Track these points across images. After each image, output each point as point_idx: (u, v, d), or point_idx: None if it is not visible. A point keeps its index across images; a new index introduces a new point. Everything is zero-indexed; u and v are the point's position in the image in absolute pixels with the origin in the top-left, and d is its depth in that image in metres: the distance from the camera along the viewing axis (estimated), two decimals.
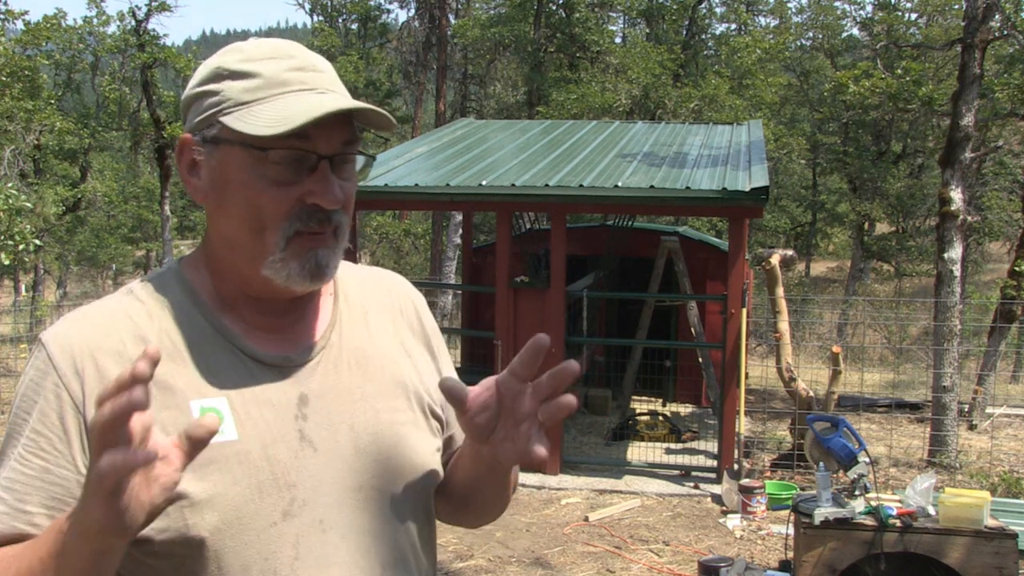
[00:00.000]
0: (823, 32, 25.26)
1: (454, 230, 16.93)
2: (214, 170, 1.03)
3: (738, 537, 5.68)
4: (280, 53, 1.04)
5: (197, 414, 0.99)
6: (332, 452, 1.06)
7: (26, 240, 8.63)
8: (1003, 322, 9.34)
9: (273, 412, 1.04)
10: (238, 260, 1.05)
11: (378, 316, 1.19)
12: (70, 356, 1.00)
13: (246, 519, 0.99)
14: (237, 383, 1.03)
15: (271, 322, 1.08)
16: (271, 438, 1.02)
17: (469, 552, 5.36)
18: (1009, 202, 18.57)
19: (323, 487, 1.04)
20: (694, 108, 18.01)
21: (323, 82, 1.05)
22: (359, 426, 1.09)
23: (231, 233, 1.04)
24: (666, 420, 8.27)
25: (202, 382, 1.02)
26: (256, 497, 1.00)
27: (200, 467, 0.97)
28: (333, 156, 1.02)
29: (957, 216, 7.38)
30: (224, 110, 1.01)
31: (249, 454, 1.01)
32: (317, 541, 1.03)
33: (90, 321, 1.04)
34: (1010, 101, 10.53)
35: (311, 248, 1.03)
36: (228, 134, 1.01)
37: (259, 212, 1.01)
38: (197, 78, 1.06)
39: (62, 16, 19.29)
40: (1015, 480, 6.58)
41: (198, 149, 1.04)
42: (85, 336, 1.01)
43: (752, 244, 19.70)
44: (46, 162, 20.14)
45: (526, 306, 6.95)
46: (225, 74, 1.03)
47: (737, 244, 6.73)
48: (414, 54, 23.75)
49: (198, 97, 1.04)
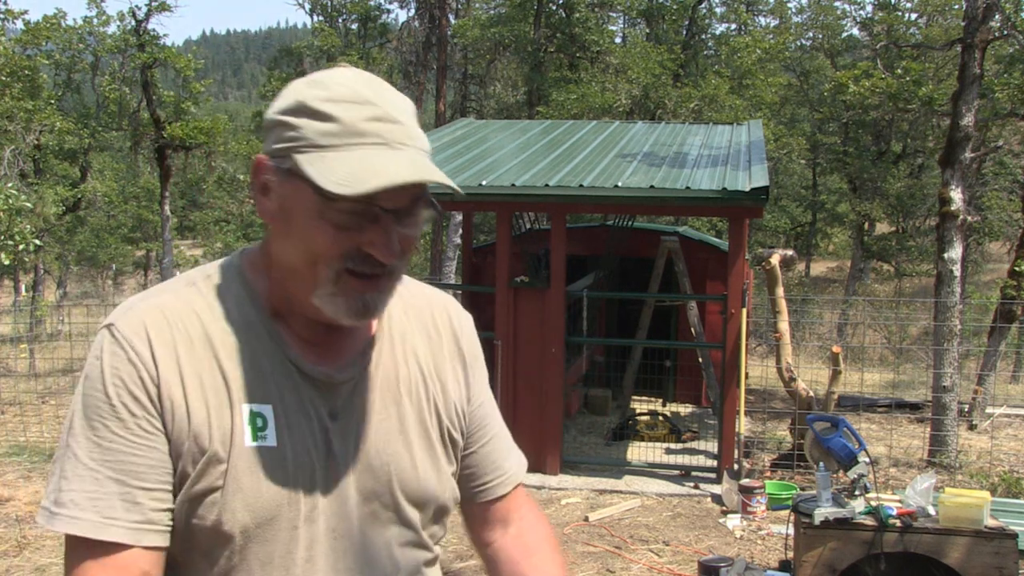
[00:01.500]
0: (823, 32, 25.25)
1: (454, 230, 16.93)
2: (283, 199, 1.06)
3: (738, 537, 5.68)
4: (360, 98, 1.04)
5: (247, 416, 1.07)
6: (350, 467, 1.12)
7: (26, 240, 8.62)
8: (1003, 322, 9.34)
9: (307, 423, 1.10)
10: (291, 283, 1.09)
11: (417, 338, 1.23)
12: (147, 344, 1.04)
13: (274, 520, 1.07)
14: (283, 391, 1.10)
15: (318, 337, 1.13)
16: (304, 448, 1.09)
17: (469, 552, 5.36)
18: (1009, 202, 18.56)
19: (339, 499, 1.11)
20: (694, 108, 18.01)
21: (400, 136, 1.04)
22: (378, 446, 1.15)
23: (288, 259, 1.07)
24: (666, 420, 8.27)
25: (254, 386, 1.08)
26: (285, 501, 1.07)
27: (240, 467, 1.05)
28: (398, 210, 1.04)
29: (957, 216, 7.38)
30: (300, 148, 1.03)
31: (284, 461, 1.07)
32: (328, 547, 1.10)
33: (159, 311, 1.08)
34: (1010, 101, 10.53)
35: (359, 291, 1.06)
36: (300, 172, 1.02)
37: (314, 247, 1.04)
38: (281, 104, 1.07)
39: (62, 16, 19.27)
40: (1015, 480, 6.58)
41: (271, 174, 1.06)
42: (157, 325, 1.06)
43: (752, 244, 19.70)
44: (46, 162, 20.12)
45: (526, 306, 6.95)
46: (306, 111, 1.03)
47: (737, 244, 6.73)
48: (414, 54, 23.74)
49: (278, 125, 1.06)
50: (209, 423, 1.04)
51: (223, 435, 1.05)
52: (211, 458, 1.04)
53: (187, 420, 1.04)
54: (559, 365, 6.89)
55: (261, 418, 1.07)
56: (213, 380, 1.06)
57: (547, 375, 6.88)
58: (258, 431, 1.06)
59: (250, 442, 1.05)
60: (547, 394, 6.88)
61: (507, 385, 6.95)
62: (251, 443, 1.05)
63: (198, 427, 1.04)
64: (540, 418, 6.89)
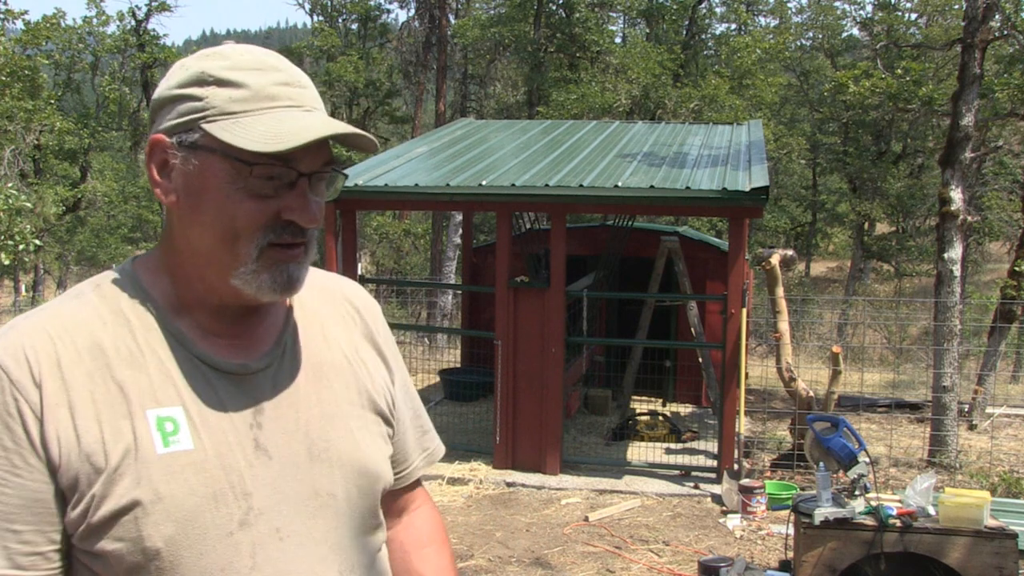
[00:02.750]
0: (823, 32, 25.26)
1: (454, 230, 16.93)
2: (189, 176, 1.01)
3: (738, 537, 5.68)
4: (266, 65, 1.03)
5: (154, 424, 0.99)
6: (287, 460, 1.06)
7: (26, 240, 8.62)
8: (1003, 322, 9.33)
9: (229, 421, 1.03)
10: (206, 268, 1.04)
11: (332, 322, 1.20)
12: (26, 367, 0.96)
13: (202, 529, 0.98)
14: (194, 391, 1.02)
15: (227, 328, 1.08)
16: (227, 447, 1.02)
17: (469, 552, 5.36)
18: (1009, 202, 18.56)
19: (279, 495, 1.04)
20: (694, 108, 18.01)
21: (308, 99, 1.05)
22: (314, 433, 1.09)
23: (202, 241, 1.02)
24: (666, 420, 8.27)
25: (159, 390, 1.01)
26: (212, 507, 0.99)
27: (155, 477, 0.97)
28: (312, 174, 1.03)
29: (957, 216, 7.38)
30: (208, 118, 1.00)
31: (204, 463, 1.00)
32: (274, 550, 1.03)
33: (41, 328, 1.00)
34: (1010, 101, 10.53)
35: (283, 262, 1.03)
36: (210, 142, 0.99)
37: (233, 223, 1.00)
38: (176, 79, 1.03)
39: (62, 16, 19.28)
40: (1015, 480, 6.57)
41: (172, 152, 1.01)
42: (37, 345, 0.98)
43: (752, 244, 19.69)
44: (46, 162, 20.14)
45: (526, 306, 6.95)
46: (210, 80, 1.01)
47: (737, 244, 6.73)
48: (414, 54, 23.73)
49: (177, 99, 1.02)
50: (103, 439, 0.96)
51: (124, 448, 0.96)
52: (110, 476, 0.96)
53: (76, 443, 0.96)
54: (559, 365, 6.89)
55: (171, 422, 0.99)
56: (107, 392, 0.98)
57: (547, 375, 6.88)
58: (168, 436, 0.99)
59: (161, 449, 0.98)
60: (547, 394, 6.88)
61: (507, 385, 6.95)
62: (163, 450, 0.98)
63: (90, 446, 0.96)
64: (540, 418, 6.89)
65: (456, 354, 11.20)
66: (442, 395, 9.76)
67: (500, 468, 6.95)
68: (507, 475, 6.84)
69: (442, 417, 8.64)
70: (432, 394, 9.84)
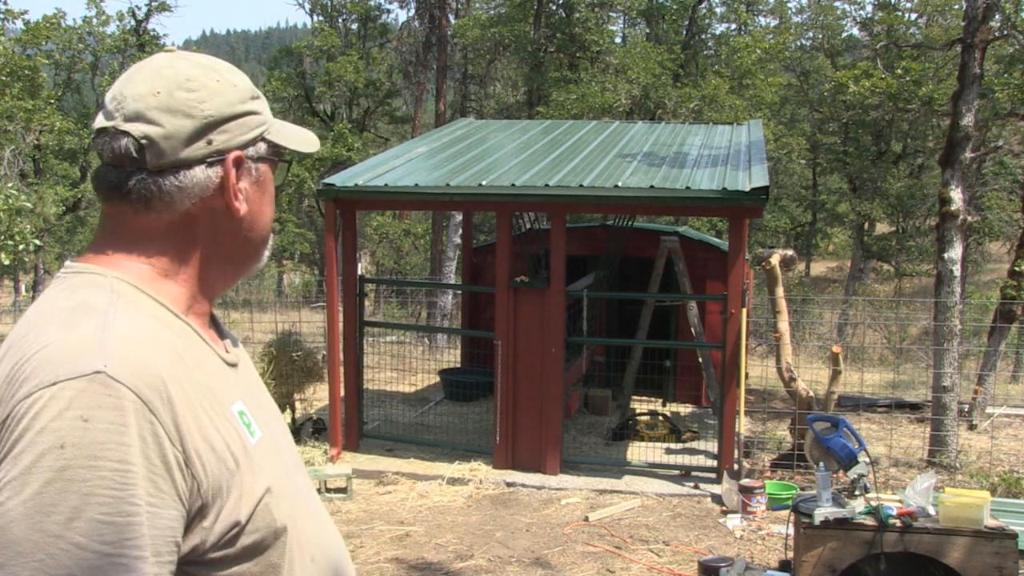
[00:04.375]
0: (823, 32, 25.24)
1: (454, 230, 16.92)
2: (256, 184, 1.11)
3: (738, 537, 5.68)
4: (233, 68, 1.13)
5: (239, 419, 1.05)
6: (277, 430, 1.17)
7: (26, 240, 8.61)
8: (1003, 322, 9.34)
9: (254, 403, 1.12)
10: (236, 267, 1.14)
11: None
12: (154, 386, 0.91)
13: (292, 499, 1.09)
14: (233, 383, 1.10)
15: (207, 324, 1.15)
16: (265, 426, 1.11)
17: (469, 552, 5.36)
18: (1009, 202, 18.56)
19: (285, 457, 1.15)
20: (694, 108, 18.01)
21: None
22: (270, 404, 1.21)
23: (248, 244, 1.13)
24: (666, 420, 8.27)
25: (226, 387, 1.06)
26: (287, 480, 1.10)
27: (263, 465, 1.04)
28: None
29: (957, 216, 7.38)
30: (268, 128, 1.12)
31: (271, 446, 1.10)
32: (306, 500, 1.16)
33: (143, 343, 0.94)
34: (1010, 101, 10.53)
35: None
36: (271, 150, 1.12)
37: (270, 220, 1.16)
38: (238, 95, 1.08)
39: (62, 16, 19.27)
40: (1015, 480, 6.58)
41: (248, 165, 1.10)
42: (150, 358, 0.93)
43: (752, 244, 19.69)
44: (46, 162, 20.14)
45: (526, 306, 6.95)
46: (256, 95, 1.11)
47: (737, 244, 6.73)
48: (414, 54, 23.71)
49: (242, 115, 1.08)
50: (226, 442, 0.98)
51: (238, 446, 1.00)
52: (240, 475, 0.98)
53: (212, 452, 0.95)
54: (559, 365, 6.89)
55: (244, 415, 1.06)
56: (205, 396, 0.98)
57: (547, 375, 6.88)
58: (250, 427, 1.05)
59: (251, 440, 1.04)
60: (547, 394, 6.88)
61: (507, 385, 6.95)
62: (252, 440, 1.04)
63: (221, 451, 0.96)
64: (540, 418, 6.89)
65: (456, 354, 11.20)
66: (442, 395, 9.76)
67: (500, 468, 6.95)
68: (507, 475, 6.84)
69: (442, 417, 8.65)
70: (432, 394, 9.84)
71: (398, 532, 5.72)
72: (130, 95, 1.02)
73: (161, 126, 1.01)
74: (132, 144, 1.00)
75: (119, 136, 1.01)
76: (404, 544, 5.51)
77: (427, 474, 6.84)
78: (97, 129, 1.03)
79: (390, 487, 6.66)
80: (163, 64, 1.05)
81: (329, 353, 7.45)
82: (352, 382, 7.56)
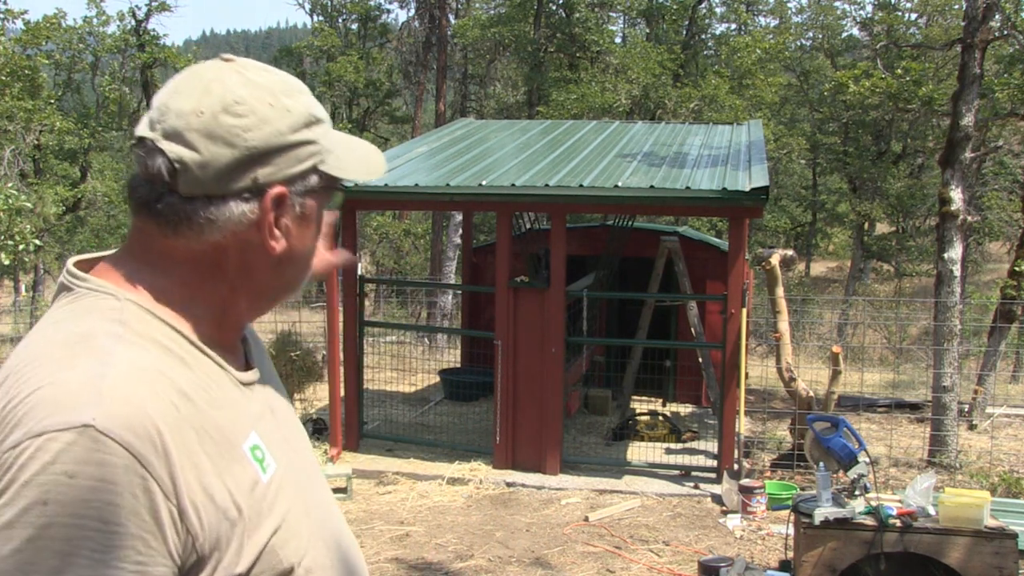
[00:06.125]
0: (823, 32, 25.25)
1: (454, 230, 16.93)
2: (299, 219, 1.00)
3: (738, 537, 5.68)
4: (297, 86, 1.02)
5: (250, 456, 0.96)
6: (298, 448, 1.11)
7: (26, 240, 8.61)
8: (1003, 322, 9.33)
9: (274, 426, 1.05)
10: (280, 293, 1.06)
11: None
12: (148, 438, 0.84)
13: (308, 533, 1.02)
14: (249, 410, 1.01)
15: (231, 340, 1.05)
16: (282, 451, 1.03)
17: (469, 552, 5.36)
18: (1009, 202, 18.56)
19: (303, 476, 1.08)
20: (694, 108, 18.02)
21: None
22: (291, 421, 1.13)
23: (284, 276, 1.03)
24: (666, 420, 8.27)
25: (238, 420, 0.97)
26: (304, 511, 1.03)
27: (271, 506, 0.96)
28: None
29: (957, 216, 7.38)
30: (323, 159, 1.00)
31: (286, 476, 1.02)
32: (323, 518, 1.09)
33: (142, 387, 0.87)
34: (1010, 101, 10.54)
35: None
36: (323, 182, 1.01)
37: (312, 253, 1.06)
38: (290, 122, 0.96)
39: (62, 16, 19.27)
40: (1015, 480, 6.58)
41: (290, 201, 0.98)
42: (146, 407, 0.86)
43: (752, 244, 19.69)
44: (46, 162, 20.14)
45: (526, 306, 6.95)
46: (313, 120, 0.99)
47: (737, 244, 6.73)
48: (414, 54, 23.73)
49: (294, 146, 0.97)
50: (228, 491, 0.91)
51: (245, 491, 0.94)
52: (244, 525, 0.92)
53: (211, 503, 0.89)
54: (559, 365, 6.89)
55: (258, 448, 0.97)
56: (210, 439, 0.91)
57: (547, 375, 6.88)
58: (262, 463, 0.97)
59: (263, 477, 0.96)
60: (547, 394, 6.88)
61: (507, 385, 6.95)
62: (264, 478, 0.97)
63: (222, 502, 0.90)
64: (540, 418, 6.89)
65: (456, 354, 11.20)
66: (442, 395, 9.76)
67: (500, 468, 6.95)
68: (507, 475, 6.84)
69: (442, 417, 8.65)
70: (432, 394, 9.85)
71: (398, 532, 5.72)
72: (174, 109, 0.93)
73: (198, 152, 0.92)
74: (165, 165, 0.92)
75: (155, 153, 0.93)
76: (404, 544, 5.51)
77: (427, 474, 6.84)
78: (138, 136, 0.95)
79: (390, 487, 6.67)
80: (214, 78, 0.95)
81: (329, 353, 7.45)
82: (352, 382, 7.56)
